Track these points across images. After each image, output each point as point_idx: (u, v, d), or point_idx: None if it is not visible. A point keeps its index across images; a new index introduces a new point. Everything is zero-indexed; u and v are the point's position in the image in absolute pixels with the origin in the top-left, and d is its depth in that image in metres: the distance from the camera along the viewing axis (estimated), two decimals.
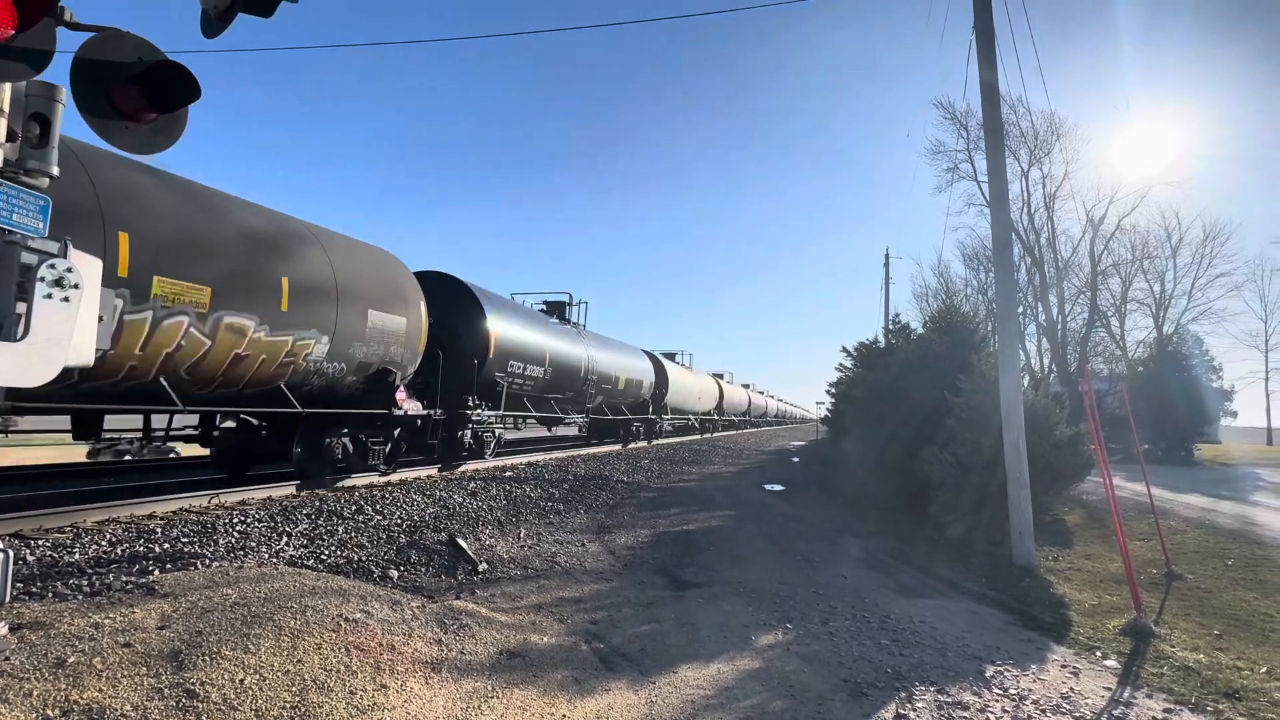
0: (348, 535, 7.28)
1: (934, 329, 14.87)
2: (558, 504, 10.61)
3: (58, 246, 3.56)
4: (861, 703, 4.34)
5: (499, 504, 9.92)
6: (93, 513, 7.07)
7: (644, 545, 8.61)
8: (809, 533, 10.21)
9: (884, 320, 34.42)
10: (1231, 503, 15.40)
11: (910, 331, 18.26)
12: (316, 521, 7.61)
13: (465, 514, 8.95)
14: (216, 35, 3.68)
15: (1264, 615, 6.97)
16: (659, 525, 9.92)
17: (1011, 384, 9.02)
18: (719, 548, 8.74)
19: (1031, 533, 8.73)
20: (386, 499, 9.04)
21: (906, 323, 19.56)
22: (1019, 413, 8.93)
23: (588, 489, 12.33)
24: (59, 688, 3.31)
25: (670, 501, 12.22)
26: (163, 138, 3.80)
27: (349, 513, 8.13)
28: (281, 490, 9.16)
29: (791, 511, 12.19)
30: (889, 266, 35.23)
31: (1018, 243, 33.77)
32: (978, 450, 9.99)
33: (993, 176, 9.78)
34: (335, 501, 8.59)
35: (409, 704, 3.78)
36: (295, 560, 6.33)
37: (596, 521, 9.87)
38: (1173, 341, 33.48)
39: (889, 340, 19.70)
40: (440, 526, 8.08)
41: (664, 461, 18.95)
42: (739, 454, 25.53)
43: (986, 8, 9.56)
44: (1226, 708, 4.61)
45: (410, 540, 7.34)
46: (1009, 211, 9.81)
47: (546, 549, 7.95)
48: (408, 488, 10.15)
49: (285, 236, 8.85)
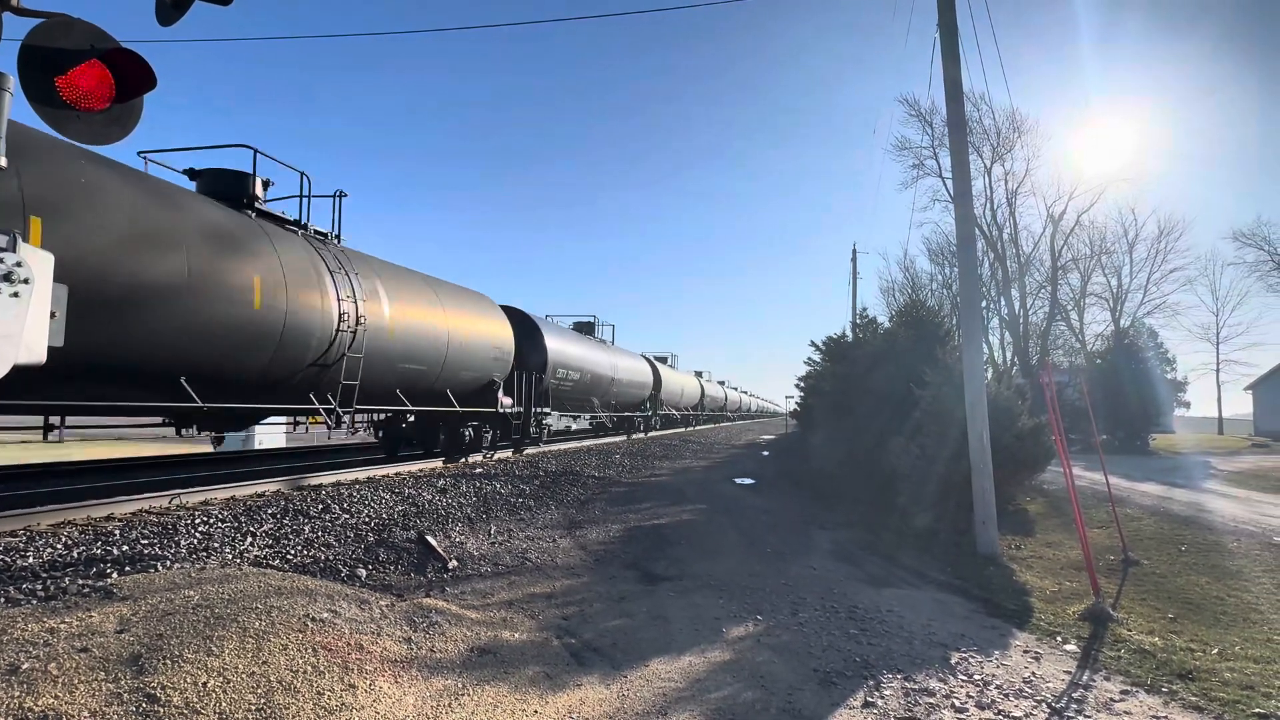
0: (314, 534, 7.16)
1: (900, 323, 15.11)
2: (528, 500, 10.57)
3: (6, 240, 3.43)
4: (830, 691, 4.40)
5: (469, 501, 9.84)
6: (47, 515, 6.86)
7: (615, 540, 8.61)
8: (779, 525, 10.30)
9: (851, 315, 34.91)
10: (1185, 490, 15.91)
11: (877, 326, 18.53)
12: (282, 521, 7.47)
13: (435, 512, 8.86)
14: (172, 23, 3.58)
15: (1215, 598, 7.22)
16: (630, 520, 9.93)
17: (975, 376, 9.19)
18: (690, 541, 8.77)
19: (995, 522, 8.91)
20: (354, 497, 8.91)
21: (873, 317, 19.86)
22: (983, 405, 9.10)
23: (559, 484, 12.30)
24: (12, 695, 3.21)
25: (643, 495, 12.24)
26: (117, 128, 3.69)
27: (315, 511, 7.99)
28: (245, 489, 8.99)
29: (762, 504, 12.28)
30: (856, 262, 35.87)
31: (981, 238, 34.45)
32: (943, 442, 10.17)
33: (956, 172, 9.94)
34: (301, 500, 8.44)
35: (378, 704, 3.74)
36: (260, 560, 6.21)
37: (567, 517, 9.85)
38: (1129, 335, 34.40)
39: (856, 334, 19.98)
40: (409, 524, 7.99)
41: (637, 456, 18.98)
42: (710, 448, 25.66)
43: (950, 4, 9.70)
44: (1180, 688, 4.77)
45: (379, 538, 7.25)
46: (972, 207, 9.99)
47: (517, 545, 7.91)
48: (375, 485, 10.02)
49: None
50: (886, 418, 12.11)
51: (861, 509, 11.91)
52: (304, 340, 9.02)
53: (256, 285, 8.22)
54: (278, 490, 9.26)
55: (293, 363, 9.03)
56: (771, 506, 12.15)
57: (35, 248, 3.56)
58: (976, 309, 9.91)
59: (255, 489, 9.14)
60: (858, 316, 24.65)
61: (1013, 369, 33.65)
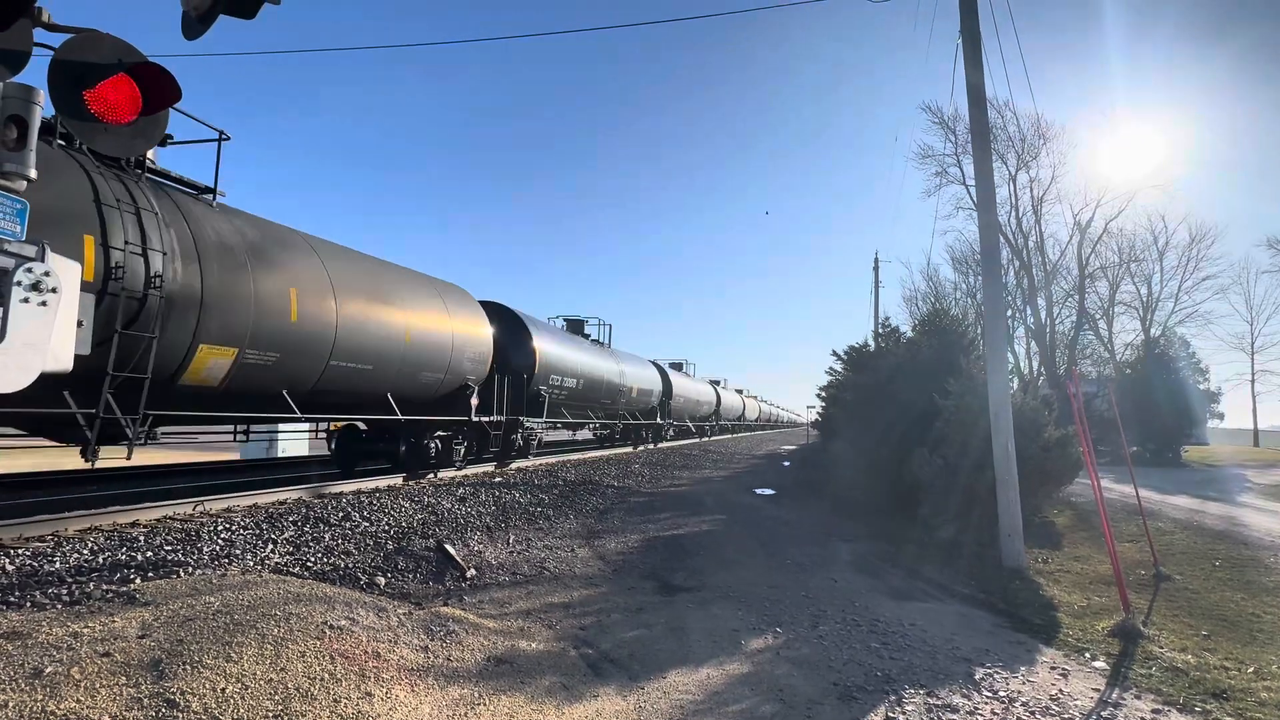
0: (334, 542, 7.22)
1: (923, 332, 14.95)
2: (547, 509, 10.57)
3: (35, 250, 3.51)
4: (851, 706, 4.33)
5: (488, 509, 9.87)
6: (75, 521, 6.99)
7: (634, 550, 8.58)
8: (799, 536, 10.20)
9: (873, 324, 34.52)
10: (1218, 504, 15.53)
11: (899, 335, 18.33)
12: (303, 529, 7.54)
13: (454, 520, 8.89)
14: (197, 37, 3.65)
15: (1251, 615, 7.02)
16: (649, 530, 9.89)
17: (1000, 386, 9.06)
18: (709, 552, 8.71)
19: (1020, 535, 8.75)
20: (374, 505, 8.98)
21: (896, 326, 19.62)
22: (1007, 415, 8.96)
23: (577, 493, 12.29)
24: (35, 698, 3.25)
25: (661, 505, 12.20)
26: (142, 140, 3.77)
27: (336, 519, 8.06)
28: (268, 497, 9.09)
29: (782, 515, 12.19)
30: (878, 270, 35.53)
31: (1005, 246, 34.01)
32: (966, 452, 10.03)
33: (980, 180, 9.84)
34: (322, 508, 8.52)
35: (394, 711, 3.74)
36: (280, 568, 6.27)
37: (586, 526, 9.84)
38: (1160, 344, 33.73)
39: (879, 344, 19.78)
40: (429, 533, 8.02)
41: (656, 466, 18.93)
42: (730, 458, 25.53)
43: (973, 10, 9.63)
44: (1214, 707, 4.63)
45: (398, 546, 7.29)
46: (996, 215, 9.88)
47: (536, 554, 7.91)
48: (396, 494, 10.08)
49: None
50: (908, 428, 11.96)
51: (883, 521, 11.77)
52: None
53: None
54: (299, 498, 9.35)
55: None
56: (792, 517, 12.05)
57: (64, 258, 3.64)
58: (1001, 317, 9.79)
59: (278, 496, 9.25)
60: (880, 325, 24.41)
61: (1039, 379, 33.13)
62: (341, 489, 10.20)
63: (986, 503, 9.28)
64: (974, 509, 9.69)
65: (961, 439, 10.23)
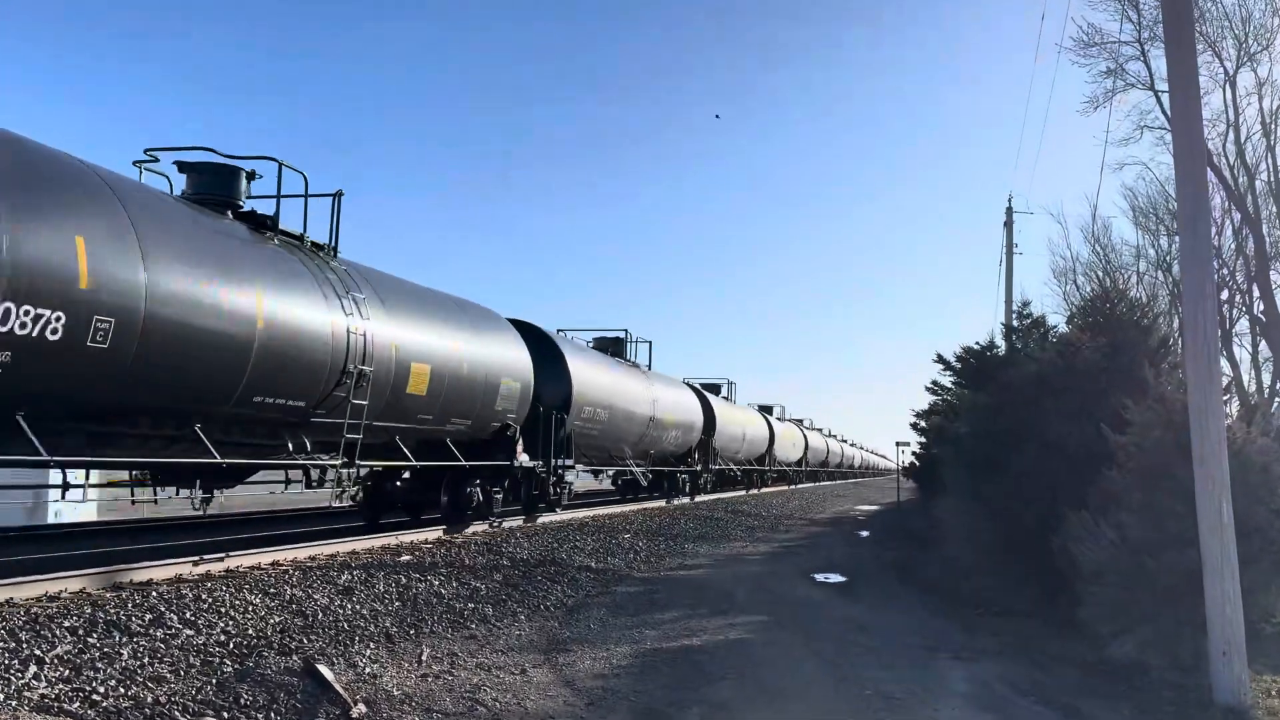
0: (137, 661, 7.12)
1: (1084, 325, 14.95)
2: (483, 605, 10.47)
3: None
4: None
5: (388, 607, 9.78)
6: None
7: (620, 672, 8.55)
8: (884, 651, 10.24)
9: (1004, 312, 34.25)
10: None
11: (1046, 328, 18.34)
12: (87, 639, 7.42)
13: (333, 624, 8.82)
14: None
15: None
16: (644, 638, 9.82)
17: (1209, 414, 8.99)
18: (742, 676, 8.74)
19: (1243, 652, 8.68)
20: (203, 602, 8.88)
21: (1041, 315, 19.60)
22: (1221, 459, 8.88)
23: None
24: None
25: (665, 599, 12.13)
26: None
27: (140, 624, 7.95)
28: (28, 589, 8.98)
29: (857, 616, 12.26)
30: (1011, 227, 35.09)
31: (1219, 189, 33.98)
32: (1156, 519, 9.97)
33: (1176, 83, 9.77)
34: (118, 606, 8.40)
35: None
36: (47, 705, 6.13)
37: (545, 632, 9.77)
38: None
39: (1012, 343, 19.77)
40: (289, 645, 7.93)
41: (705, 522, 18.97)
42: (775, 522, 25.59)
43: None
44: None
45: (241, 668, 7.24)
46: (1203, 139, 9.80)
47: (464, 679, 7.82)
48: (239, 583, 9.98)
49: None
50: (1062, 477, 11.97)
51: (1019, 626, 11.83)
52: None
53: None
54: (82, 589, 9.24)
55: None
56: (872, 620, 12.11)
57: None
58: (1211, 301, 9.68)
59: (45, 588, 9.13)
60: (1016, 313, 23.86)
61: (1273, 403, 33.14)
62: (151, 575, 10.11)
63: (1187, 598, 9.21)
64: (1167, 609, 9.64)
65: (1147, 498, 10.17)
